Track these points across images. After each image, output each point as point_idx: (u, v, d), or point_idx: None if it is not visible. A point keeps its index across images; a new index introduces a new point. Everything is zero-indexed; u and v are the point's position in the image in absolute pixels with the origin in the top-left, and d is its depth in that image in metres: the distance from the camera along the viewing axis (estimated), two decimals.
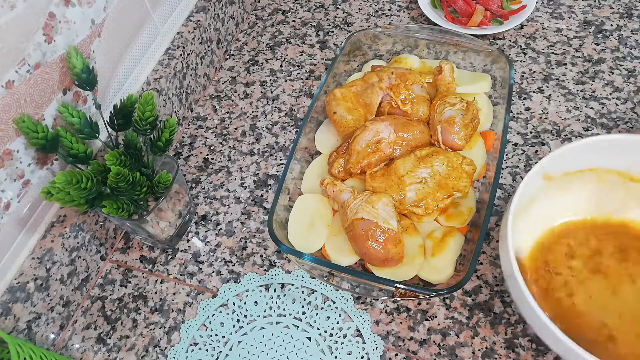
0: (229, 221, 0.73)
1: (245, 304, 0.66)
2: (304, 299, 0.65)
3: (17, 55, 0.52)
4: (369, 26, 0.92)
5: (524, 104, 0.79)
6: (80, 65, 0.56)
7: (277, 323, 0.64)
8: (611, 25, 0.86)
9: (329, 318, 0.64)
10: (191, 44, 0.80)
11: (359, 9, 0.95)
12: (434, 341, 0.61)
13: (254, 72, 0.89)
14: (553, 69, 0.82)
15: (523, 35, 0.87)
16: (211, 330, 0.64)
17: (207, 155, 0.80)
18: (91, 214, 0.66)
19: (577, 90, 0.80)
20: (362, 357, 0.61)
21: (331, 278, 0.61)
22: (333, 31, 0.92)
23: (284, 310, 0.65)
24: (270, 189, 0.75)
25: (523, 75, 0.82)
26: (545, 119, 0.77)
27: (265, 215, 0.73)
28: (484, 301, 0.63)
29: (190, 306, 0.66)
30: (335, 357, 0.61)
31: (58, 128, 0.57)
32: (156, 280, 0.69)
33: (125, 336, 0.65)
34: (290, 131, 0.81)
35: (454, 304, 0.63)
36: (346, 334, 0.63)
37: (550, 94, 0.80)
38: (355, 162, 0.66)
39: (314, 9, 0.96)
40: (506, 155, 0.74)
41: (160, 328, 0.65)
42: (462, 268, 0.59)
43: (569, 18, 0.88)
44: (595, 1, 0.90)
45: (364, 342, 0.62)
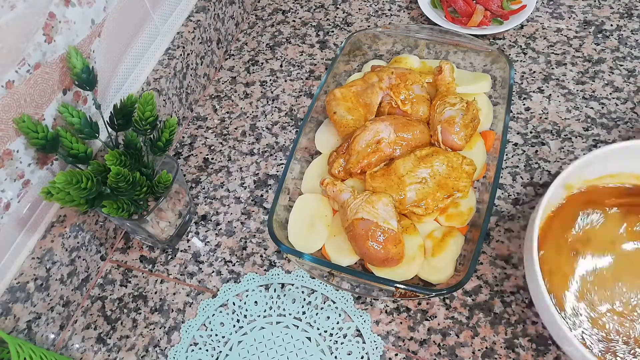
0: (229, 221, 0.73)
1: (245, 304, 0.66)
2: (304, 299, 0.65)
3: (17, 55, 0.52)
4: (369, 26, 0.92)
5: (524, 104, 0.79)
6: (80, 65, 0.56)
7: (277, 323, 0.64)
8: (611, 25, 0.86)
9: (329, 318, 0.64)
10: (191, 44, 0.80)
11: (359, 9, 0.95)
12: (434, 341, 0.61)
13: (254, 72, 0.89)
14: (553, 69, 0.82)
15: (523, 35, 0.87)
16: (211, 330, 0.64)
17: (207, 155, 0.80)
18: (91, 214, 0.66)
19: (577, 90, 0.80)
20: (362, 357, 0.61)
21: (331, 278, 0.61)
22: (333, 31, 0.92)
23: (284, 310, 0.65)
24: (270, 189, 0.75)
25: (523, 75, 0.82)
26: (545, 119, 0.77)
27: (265, 215, 0.73)
28: (484, 301, 0.63)
29: (190, 306, 0.66)
30: (335, 357, 0.61)
31: (58, 128, 0.57)
32: (156, 280, 0.69)
33: (125, 336, 0.65)
34: (290, 131, 0.81)
35: (454, 304, 0.63)
36: (346, 334, 0.63)
37: (550, 94, 0.80)
38: (355, 162, 0.66)
39: (314, 9, 0.96)
40: (506, 155, 0.74)
41: (160, 328, 0.65)
42: (462, 268, 0.59)
43: (569, 18, 0.88)
44: (595, 1, 0.90)
45: (364, 342, 0.62)
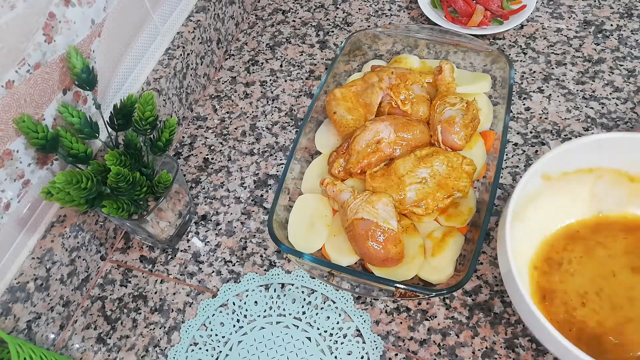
0: (229, 221, 0.73)
1: (245, 304, 0.66)
2: (304, 299, 0.65)
3: (17, 55, 0.52)
4: (369, 26, 0.92)
5: (524, 104, 0.79)
6: (80, 65, 0.56)
7: (277, 323, 0.64)
8: (611, 25, 0.86)
9: (329, 318, 0.64)
10: (191, 44, 0.80)
11: (359, 9, 0.95)
12: (434, 341, 0.61)
13: (254, 72, 0.89)
14: (553, 69, 0.82)
15: (523, 35, 0.87)
16: (211, 330, 0.64)
17: (207, 155, 0.80)
18: (91, 214, 0.66)
19: (577, 90, 0.80)
20: (362, 357, 0.61)
21: (331, 278, 0.62)
22: (333, 31, 0.92)
23: (284, 310, 0.65)
24: (270, 189, 0.75)
25: (523, 75, 0.82)
26: (545, 119, 0.77)
27: (265, 215, 0.73)
28: (484, 301, 0.63)
29: (190, 306, 0.66)
30: (335, 357, 0.61)
31: (58, 128, 0.57)
32: (156, 280, 0.69)
33: (125, 336, 0.65)
34: (290, 131, 0.81)
35: (454, 304, 0.63)
36: (346, 334, 0.63)
37: (550, 94, 0.80)
38: (355, 162, 0.66)
39: (314, 9, 0.96)
40: (506, 155, 0.74)
41: (160, 328, 0.65)
42: (462, 268, 0.59)
43: (569, 18, 0.88)
44: (595, 1, 0.90)
45: (364, 342, 0.62)
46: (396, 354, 0.61)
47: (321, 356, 0.61)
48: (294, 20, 0.95)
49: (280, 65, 0.89)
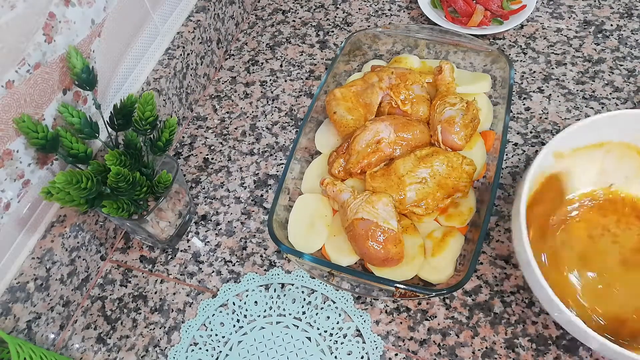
0: (229, 221, 0.73)
1: (245, 304, 0.66)
2: (304, 299, 0.65)
3: (17, 55, 0.52)
4: (369, 26, 0.92)
5: (524, 104, 0.79)
6: (80, 65, 0.56)
7: (277, 323, 0.64)
8: (611, 25, 0.86)
9: (329, 318, 0.64)
10: (191, 44, 0.80)
11: (359, 9, 0.95)
12: (434, 341, 0.61)
13: (254, 72, 0.89)
14: (553, 69, 0.82)
15: (523, 35, 0.87)
16: (211, 330, 0.64)
17: (207, 155, 0.80)
18: (91, 214, 0.66)
19: (577, 90, 0.80)
20: (362, 357, 0.61)
21: (331, 278, 0.62)
22: (333, 31, 0.92)
23: (284, 310, 0.65)
24: (270, 189, 0.75)
25: (523, 75, 0.82)
26: (545, 119, 0.77)
27: (265, 215, 0.73)
28: (484, 301, 0.63)
29: (190, 306, 0.66)
30: (335, 357, 0.61)
31: (58, 128, 0.57)
32: (156, 280, 0.69)
33: (125, 336, 0.65)
34: (290, 131, 0.81)
35: (454, 304, 0.63)
36: (346, 334, 0.63)
37: (550, 94, 0.80)
38: (355, 162, 0.66)
39: (314, 9, 0.96)
40: (506, 155, 0.74)
41: (160, 328, 0.65)
42: (462, 268, 0.59)
43: (569, 18, 0.88)
44: (595, 1, 0.90)
45: (364, 342, 0.62)
46: (396, 354, 0.61)
47: (321, 356, 0.61)
48: (294, 20, 0.95)
49: (280, 65, 0.89)
